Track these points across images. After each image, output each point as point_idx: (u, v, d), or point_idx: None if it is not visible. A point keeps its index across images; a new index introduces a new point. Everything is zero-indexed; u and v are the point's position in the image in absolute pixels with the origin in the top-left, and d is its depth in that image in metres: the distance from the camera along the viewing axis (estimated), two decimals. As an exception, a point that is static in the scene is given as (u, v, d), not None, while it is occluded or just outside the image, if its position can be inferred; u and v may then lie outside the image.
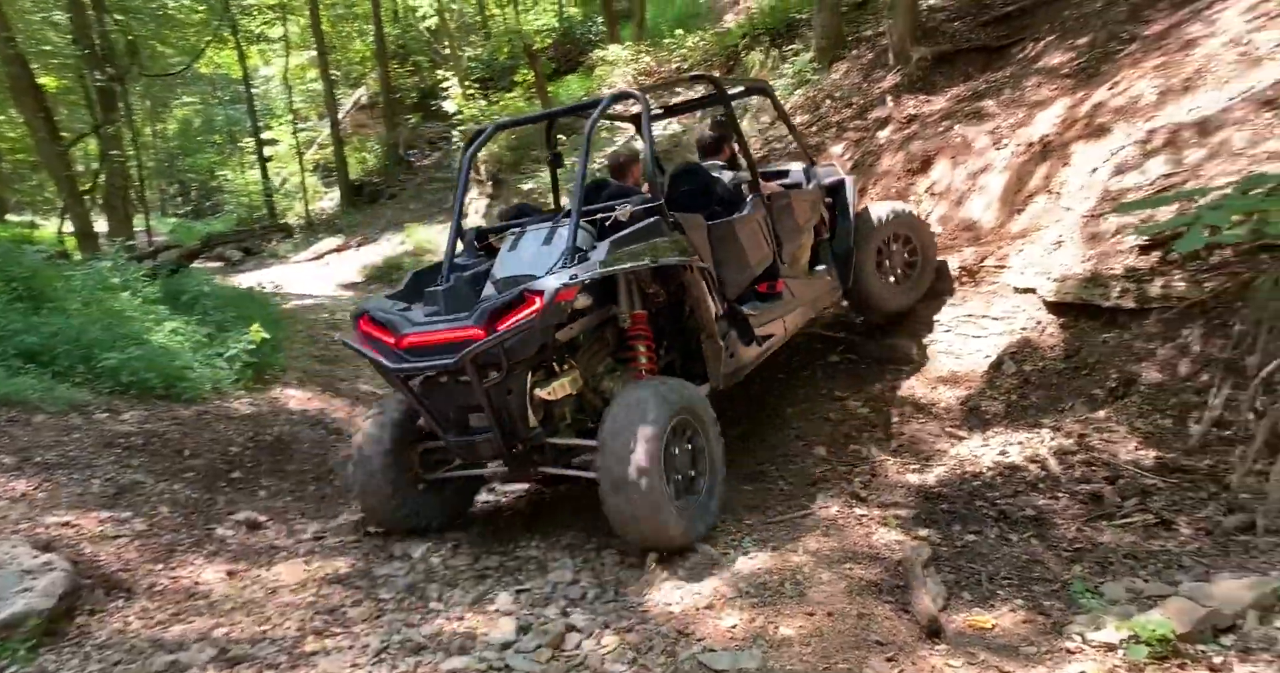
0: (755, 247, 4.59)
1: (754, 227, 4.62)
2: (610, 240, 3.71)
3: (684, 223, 4.09)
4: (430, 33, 18.39)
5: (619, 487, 3.36)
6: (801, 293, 5.04)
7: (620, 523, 3.46)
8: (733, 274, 4.42)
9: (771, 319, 4.71)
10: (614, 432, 3.42)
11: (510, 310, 3.43)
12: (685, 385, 3.86)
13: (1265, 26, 5.53)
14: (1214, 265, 4.50)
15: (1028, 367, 4.87)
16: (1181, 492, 3.84)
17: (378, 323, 3.75)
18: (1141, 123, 5.52)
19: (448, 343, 3.50)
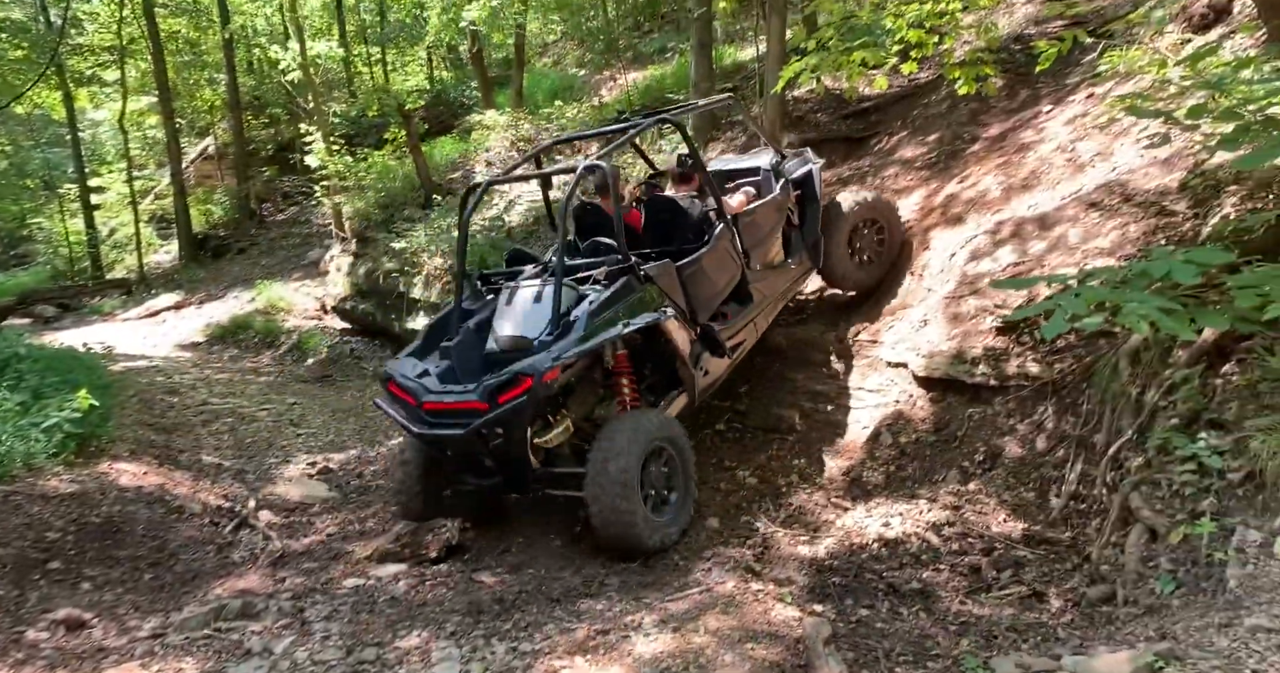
0: (723, 271, 5.21)
1: (720, 254, 5.18)
2: (587, 312, 4.36)
3: (653, 273, 4.71)
4: (292, 85, 17.83)
5: (602, 507, 4.15)
6: (771, 289, 5.66)
7: (604, 537, 4.25)
8: (703, 301, 5.05)
9: (742, 327, 5.34)
10: (598, 461, 4.21)
11: (507, 390, 4.15)
12: (660, 417, 4.62)
13: (1085, 136, 6.26)
14: (1061, 348, 4.91)
15: (903, 439, 5.08)
16: (1049, 563, 4.05)
17: (402, 388, 4.50)
18: (990, 215, 6.06)
19: (459, 410, 4.29)
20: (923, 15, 4.55)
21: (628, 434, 4.25)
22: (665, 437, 4.46)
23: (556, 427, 4.50)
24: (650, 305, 4.60)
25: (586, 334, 4.26)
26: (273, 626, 3.52)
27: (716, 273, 5.12)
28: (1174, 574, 3.52)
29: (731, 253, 5.25)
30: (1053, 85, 7.51)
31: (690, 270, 4.93)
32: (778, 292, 5.74)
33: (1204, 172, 4.94)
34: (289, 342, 12.85)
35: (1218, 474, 3.63)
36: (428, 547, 4.26)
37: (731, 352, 5.21)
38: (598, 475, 4.15)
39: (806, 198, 6.13)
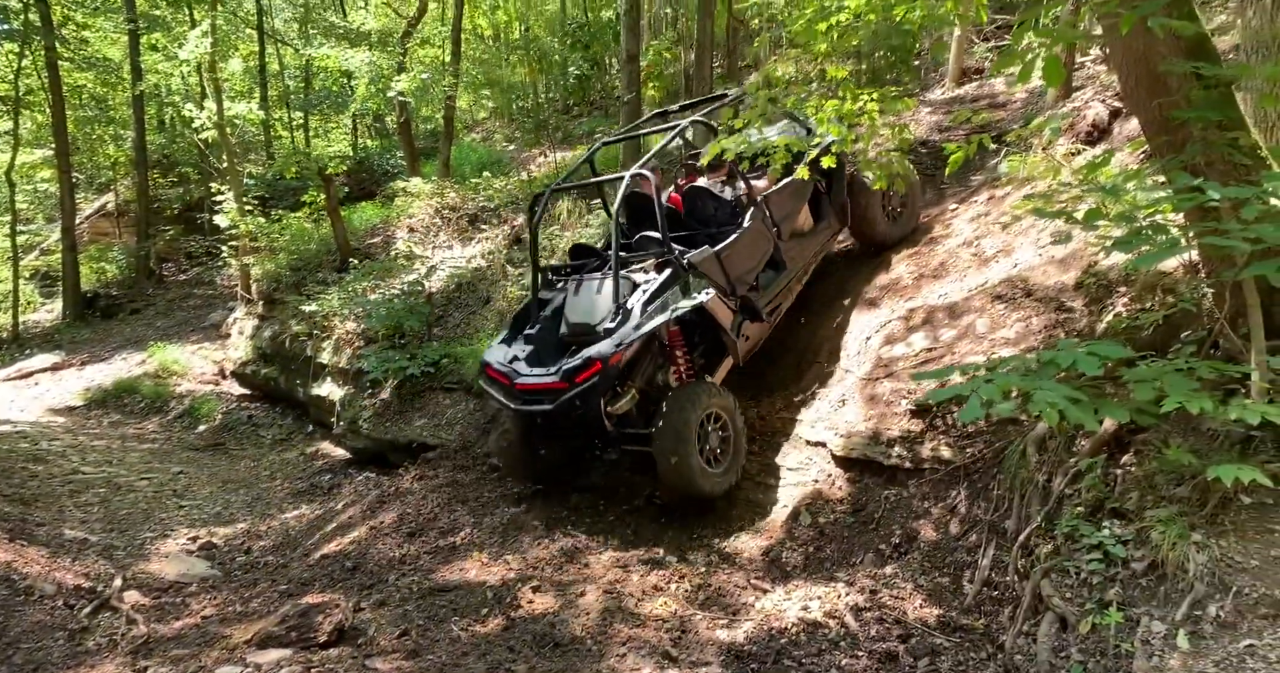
0: (757, 249, 6.02)
1: (754, 234, 5.98)
2: (641, 302, 5.34)
3: (696, 260, 5.59)
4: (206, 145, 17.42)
5: (666, 458, 5.16)
6: (802, 254, 6.54)
7: (669, 484, 5.31)
8: (741, 277, 5.85)
9: (778, 292, 6.23)
10: (664, 423, 5.21)
11: (582, 371, 5.13)
12: (714, 388, 5.59)
13: (988, 234, 6.64)
14: (972, 434, 5.03)
15: (822, 519, 5.05)
16: (964, 651, 4.02)
17: (498, 372, 5.55)
18: (903, 301, 6.28)
19: (545, 389, 5.27)
20: (842, 111, 4.77)
21: (689, 401, 5.24)
22: (720, 405, 5.42)
23: (624, 396, 5.45)
24: (695, 289, 5.48)
25: (642, 321, 5.22)
26: None
27: (751, 251, 5.94)
28: (1084, 666, 3.52)
29: (764, 231, 6.07)
30: (957, 186, 8.00)
31: (727, 253, 5.75)
32: (809, 255, 6.64)
33: (1097, 272, 5.27)
34: (180, 407, 12.08)
35: (1122, 563, 3.71)
36: (317, 629, 3.91)
37: (770, 315, 6.14)
38: (664, 433, 5.14)
39: (835, 177, 6.81)
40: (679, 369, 5.75)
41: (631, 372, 5.56)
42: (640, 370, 5.65)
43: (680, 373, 5.75)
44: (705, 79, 8.85)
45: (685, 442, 5.08)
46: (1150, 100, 3.93)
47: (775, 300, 6.22)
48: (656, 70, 11.36)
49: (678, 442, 5.08)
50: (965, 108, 9.67)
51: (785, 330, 6.92)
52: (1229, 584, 3.32)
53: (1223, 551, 3.42)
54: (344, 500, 6.79)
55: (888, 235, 7.06)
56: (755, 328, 6.04)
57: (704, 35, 8.67)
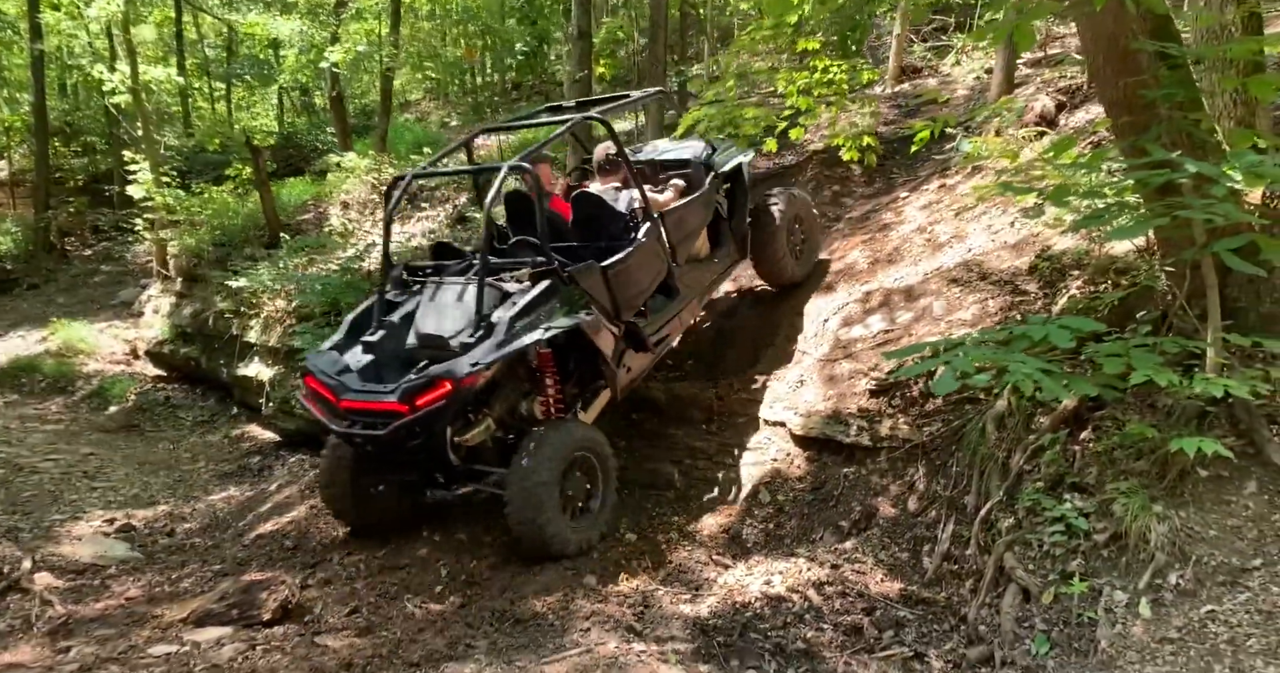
0: (649, 270, 5.24)
1: (647, 253, 5.19)
2: (509, 317, 4.43)
3: (578, 275, 4.74)
4: (117, 111, 16.39)
5: (520, 512, 4.29)
6: (698, 283, 5.80)
7: (519, 537, 4.38)
8: (628, 300, 5.06)
9: (666, 321, 5.45)
10: (520, 466, 4.33)
11: (426, 392, 4.16)
12: (584, 428, 4.79)
13: (940, 220, 6.75)
14: (930, 412, 5.08)
15: (781, 497, 5.01)
16: (928, 623, 4.03)
17: (322, 384, 4.47)
18: (859, 285, 6.32)
19: (378, 410, 4.28)
20: (812, 83, 4.74)
21: (552, 444, 4.44)
22: (589, 447, 4.68)
23: (478, 425, 4.59)
24: (574, 307, 4.70)
25: (507, 338, 4.34)
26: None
27: (642, 272, 5.18)
28: (1048, 635, 3.57)
29: (658, 251, 5.32)
30: (905, 175, 8.11)
31: (616, 270, 4.95)
32: (705, 285, 5.93)
33: (1050, 256, 5.39)
34: (88, 387, 11.34)
35: (1084, 535, 3.77)
36: (261, 607, 3.64)
37: (657, 346, 5.37)
38: (519, 483, 4.29)
39: (736, 190, 6.25)
40: (547, 400, 4.92)
41: (489, 397, 4.71)
42: (500, 397, 4.78)
43: (549, 404, 4.91)
44: (659, 60, 8.74)
45: (544, 491, 4.29)
46: (1117, 79, 4.00)
47: (663, 330, 5.42)
48: (608, 50, 11.18)
49: (535, 491, 4.26)
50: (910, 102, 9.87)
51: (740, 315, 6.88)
52: (1189, 554, 3.40)
53: (1183, 521, 3.50)
54: (278, 482, 6.45)
55: (791, 272, 6.43)
56: (639, 359, 5.23)
57: (658, 13, 8.56)
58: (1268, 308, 4.02)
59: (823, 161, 8.85)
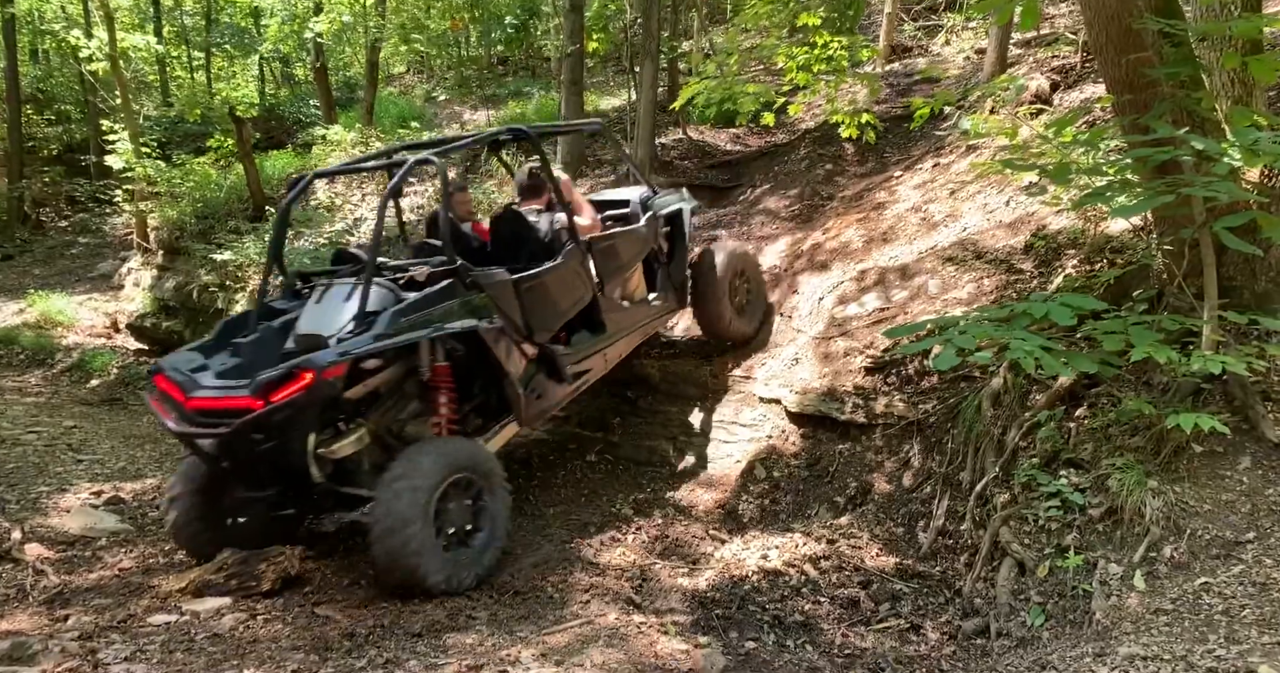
0: (568, 292, 4.84)
1: (567, 274, 4.81)
2: (393, 311, 3.91)
3: (484, 280, 4.32)
4: (94, 79, 16.02)
5: (384, 535, 3.59)
6: (628, 322, 5.35)
7: (382, 567, 3.69)
8: (543, 320, 4.64)
9: (588, 354, 5.00)
10: (388, 485, 3.68)
11: (282, 386, 3.58)
12: (470, 445, 4.16)
13: (935, 199, 6.75)
14: (926, 389, 5.11)
15: (776, 473, 5.04)
16: (923, 597, 4.09)
17: (171, 382, 3.89)
18: (854, 264, 6.32)
19: (228, 408, 3.67)
20: (812, 59, 4.70)
21: (427, 461, 3.77)
22: (474, 468, 3.98)
23: (349, 435, 3.94)
24: (477, 315, 4.18)
25: (386, 333, 3.80)
26: (55, 669, 2.79)
27: (561, 293, 4.77)
28: (1043, 607, 3.63)
29: (581, 275, 4.90)
30: (899, 154, 8.11)
31: (530, 285, 4.55)
32: (635, 325, 5.46)
33: (1046, 235, 5.42)
34: (68, 360, 11.13)
35: (1079, 510, 3.82)
36: (260, 578, 3.62)
37: (576, 379, 4.87)
38: (384, 502, 3.62)
39: (676, 236, 5.95)
40: (440, 418, 4.32)
41: (368, 406, 4.15)
42: (381, 409, 4.22)
43: (441, 424, 4.32)
44: (653, 35, 8.63)
45: (411, 514, 3.60)
46: (1120, 57, 4.00)
47: (585, 365, 4.98)
48: (600, 23, 11.04)
49: (401, 513, 3.60)
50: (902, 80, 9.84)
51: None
52: (1183, 527, 3.46)
53: (1177, 496, 3.56)
54: (266, 454, 6.36)
55: (735, 328, 5.97)
56: (553, 389, 4.74)
57: (652, -13, 8.46)
58: (1263, 286, 4.07)
59: (815, 140, 8.83)
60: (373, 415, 4.14)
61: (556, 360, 4.68)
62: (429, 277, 4.17)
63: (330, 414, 3.91)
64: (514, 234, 4.97)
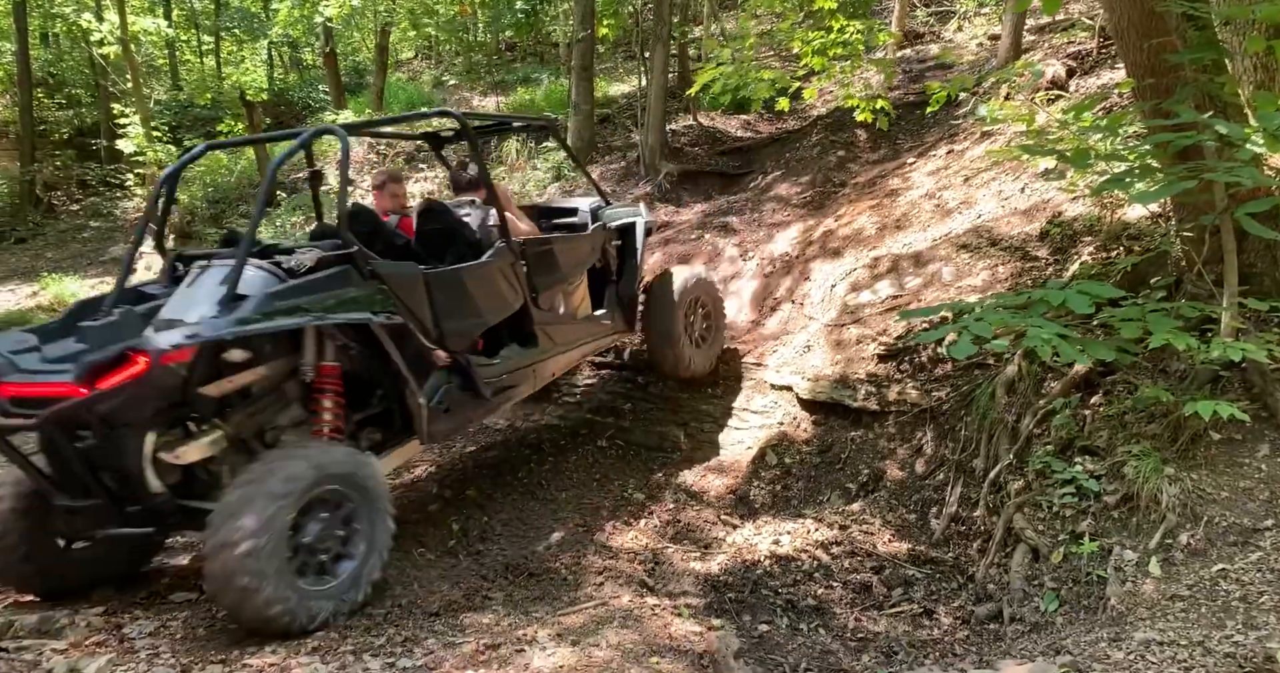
0: (491, 296, 4.25)
1: (491, 275, 4.23)
2: (267, 293, 3.30)
3: (386, 271, 3.67)
4: (106, 62, 16.04)
5: (220, 548, 2.89)
6: (565, 339, 4.77)
7: (216, 594, 2.99)
8: (458, 326, 4.03)
9: (517, 369, 4.38)
10: (235, 489, 3.05)
11: (112, 369, 2.96)
12: (343, 454, 3.40)
13: (949, 186, 6.71)
14: (939, 377, 5.10)
15: (788, 459, 5.04)
16: (936, 582, 4.09)
17: None
18: (867, 251, 6.30)
19: (45, 397, 3.02)
20: (828, 43, 4.67)
21: (290, 466, 3.11)
22: (350, 483, 3.28)
23: (199, 438, 3.28)
24: (374, 309, 3.52)
25: (251, 318, 3.15)
26: (81, 643, 2.82)
27: (483, 296, 4.18)
28: (1057, 592, 3.63)
29: (510, 280, 4.32)
30: (912, 141, 8.06)
31: (444, 282, 3.94)
32: (574, 343, 4.88)
33: (1062, 222, 5.38)
34: (79, 342, 11.20)
35: (1094, 497, 3.81)
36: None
37: (497, 395, 4.24)
38: (227, 507, 2.96)
39: (627, 251, 5.40)
40: (321, 424, 3.64)
41: (231, 408, 3.46)
42: (250, 409, 3.53)
43: (323, 430, 3.63)
44: (664, 20, 8.58)
45: (257, 538, 2.89)
46: (1142, 42, 3.95)
47: (510, 380, 4.33)
48: (611, 8, 10.98)
49: (243, 524, 2.90)
50: (915, 66, 9.77)
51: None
52: (1200, 514, 3.45)
53: (1194, 483, 3.54)
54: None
55: (689, 362, 5.47)
56: (468, 404, 4.08)
57: (664, -28, 8.40)
58: (1284, 274, 4.04)
59: (828, 126, 8.79)
60: (235, 417, 3.45)
61: (472, 372, 4.05)
62: (319, 262, 3.47)
63: (179, 411, 3.27)
64: (440, 230, 4.38)
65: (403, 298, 3.70)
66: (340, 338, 3.63)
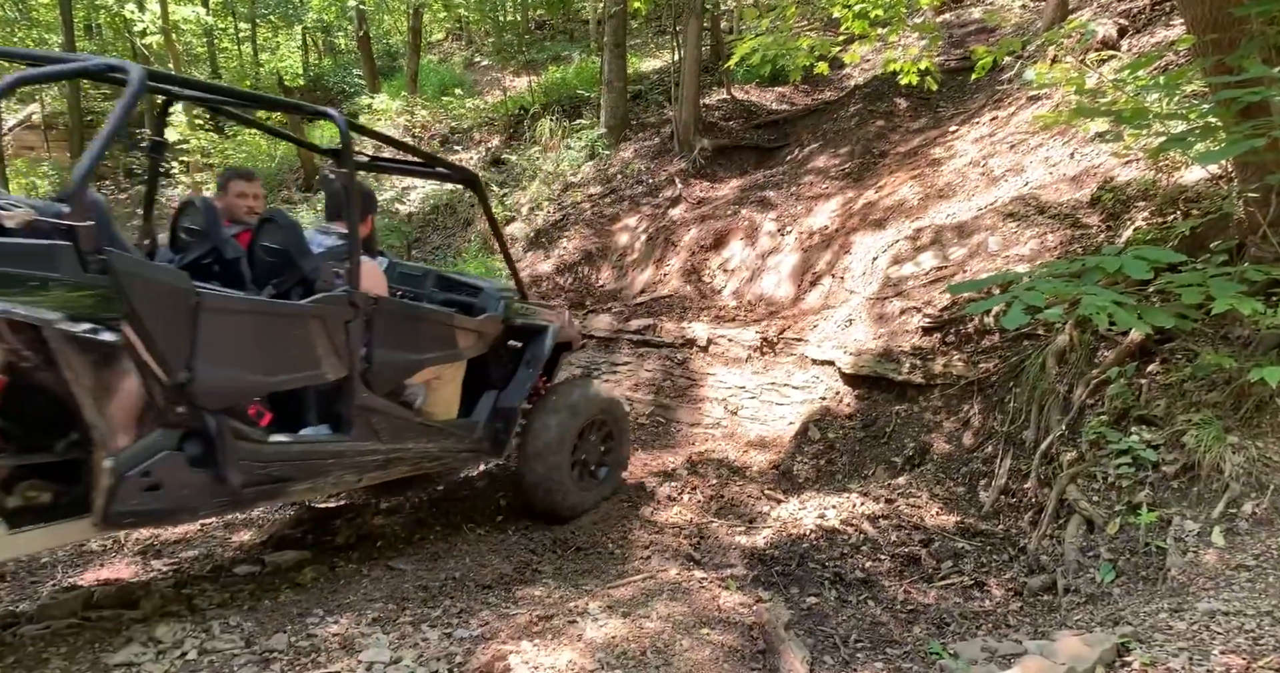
0: (295, 350, 3.07)
1: (306, 324, 3.10)
2: None
3: (127, 270, 2.52)
4: (148, 52, 16.30)
5: None
6: (396, 438, 3.51)
7: None
8: (224, 374, 2.82)
9: (308, 458, 3.16)
10: None
11: None
12: None
13: (994, 154, 6.55)
14: (986, 348, 5.01)
15: (831, 434, 5.01)
16: (986, 554, 4.04)
17: None
18: (909, 222, 6.18)
19: None
20: (870, 4, 4.56)
21: None
22: None
23: None
24: (74, 309, 2.45)
25: None
26: (154, 613, 2.92)
27: (281, 346, 3.03)
28: (1114, 563, 3.56)
29: (333, 337, 3.17)
30: (954, 108, 7.87)
31: (226, 310, 2.84)
32: (409, 452, 3.60)
33: (1114, 187, 5.23)
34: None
35: (1152, 467, 3.73)
36: (335, 532, 3.73)
37: (252, 488, 2.97)
38: None
39: (526, 359, 4.28)
40: None
41: None
42: None
43: None
44: (698, -8, 8.46)
45: None
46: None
47: (284, 473, 3.09)
48: (643, -18, 10.85)
49: None
50: (955, 32, 9.52)
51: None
52: (1266, 483, 3.35)
53: (1259, 451, 3.45)
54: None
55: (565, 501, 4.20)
56: (193, 487, 2.81)
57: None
58: (1354, 235, 3.88)
59: (866, 96, 8.62)
60: None
61: (222, 445, 2.83)
62: (28, 225, 2.45)
63: None
64: (275, 250, 3.30)
65: (142, 312, 2.59)
66: (9, 338, 2.38)
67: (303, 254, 3.27)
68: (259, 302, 3.05)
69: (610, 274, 7.63)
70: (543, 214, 8.61)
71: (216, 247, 3.37)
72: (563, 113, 9.59)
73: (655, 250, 7.20)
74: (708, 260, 6.92)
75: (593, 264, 7.79)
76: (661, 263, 7.04)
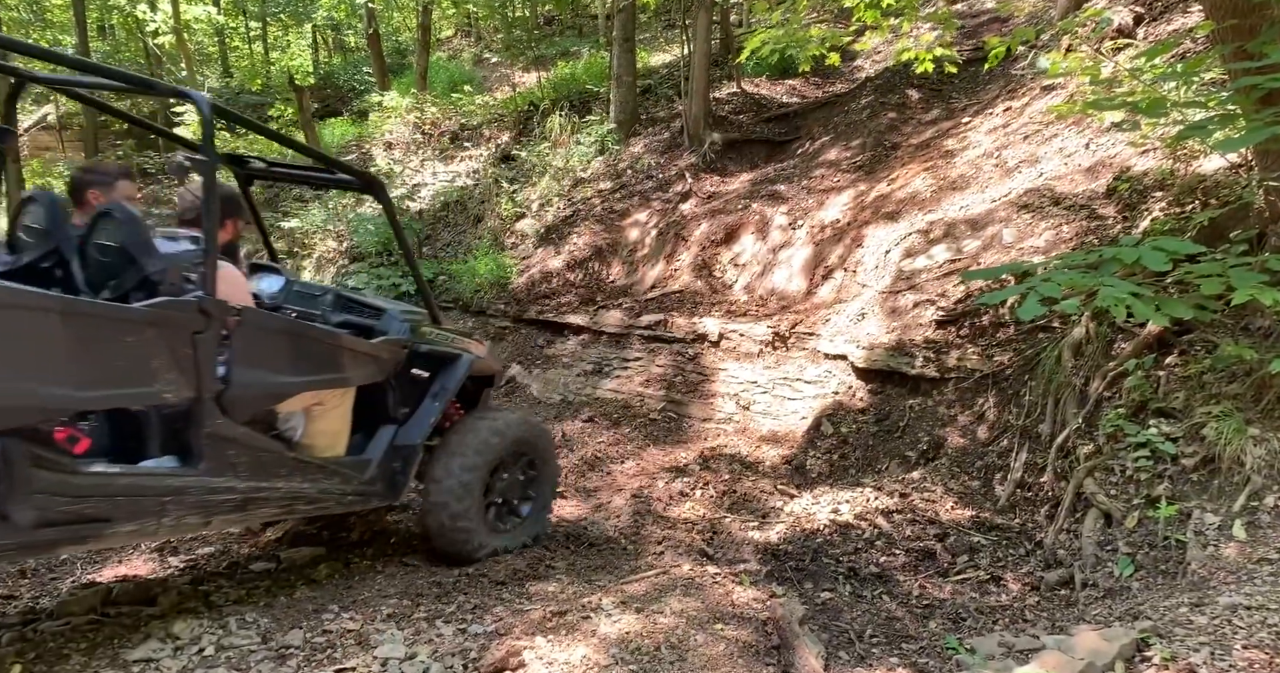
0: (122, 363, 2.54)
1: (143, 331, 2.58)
2: None
3: None
4: (160, 51, 16.40)
5: None
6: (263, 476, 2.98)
7: None
8: (14, 388, 2.28)
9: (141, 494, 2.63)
10: None
11: None
12: None
13: (1007, 145, 6.49)
14: (1001, 341, 4.97)
15: (844, 429, 4.98)
16: (1002, 549, 4.01)
17: None
18: (922, 214, 6.13)
19: None
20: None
21: None
22: None
23: None
24: None
25: None
26: (172, 610, 2.93)
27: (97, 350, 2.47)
28: (1132, 557, 3.53)
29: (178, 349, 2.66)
30: (966, 99, 7.80)
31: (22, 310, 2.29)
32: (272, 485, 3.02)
33: (1130, 178, 5.16)
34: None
35: (1171, 460, 3.69)
36: (350, 529, 3.74)
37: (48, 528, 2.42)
38: None
39: (432, 392, 3.75)
40: None
41: None
42: None
43: None
44: (707, -16, 8.41)
45: None
46: (1222, -17, 3.75)
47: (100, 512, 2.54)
48: (652, -24, 10.83)
49: None
50: (967, 22, 9.43)
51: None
52: (1287, 476, 3.31)
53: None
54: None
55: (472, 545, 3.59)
56: None
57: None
58: (1376, 224, 3.83)
59: (877, 88, 8.55)
60: None
61: (12, 473, 2.32)
62: None
63: None
64: (111, 248, 2.83)
65: None
66: None
67: (145, 253, 2.76)
68: (65, 301, 2.42)
69: (621, 270, 7.62)
70: (553, 210, 8.60)
71: (60, 247, 2.91)
72: (572, 108, 9.57)
73: (666, 245, 7.18)
74: (719, 255, 6.89)
75: (603, 260, 7.78)
76: (672, 258, 7.02)
